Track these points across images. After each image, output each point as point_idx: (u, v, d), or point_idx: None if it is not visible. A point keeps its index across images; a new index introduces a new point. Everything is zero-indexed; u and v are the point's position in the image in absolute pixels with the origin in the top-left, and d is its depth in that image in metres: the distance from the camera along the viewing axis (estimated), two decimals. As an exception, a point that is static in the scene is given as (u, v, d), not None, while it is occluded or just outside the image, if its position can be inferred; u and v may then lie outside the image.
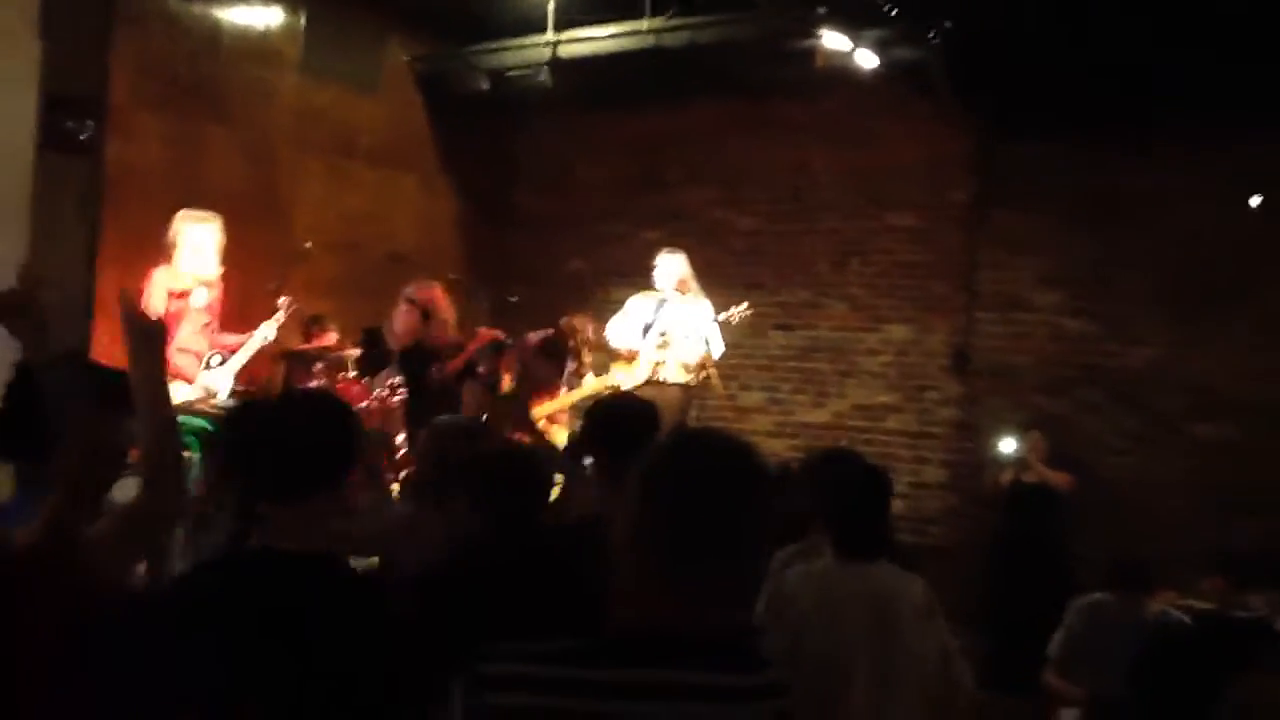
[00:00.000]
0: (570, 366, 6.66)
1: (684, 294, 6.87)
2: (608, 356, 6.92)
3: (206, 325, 5.62)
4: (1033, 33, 6.67)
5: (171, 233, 5.47)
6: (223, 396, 5.52)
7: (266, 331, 5.68)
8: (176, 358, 5.36)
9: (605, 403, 3.39)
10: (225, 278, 5.69)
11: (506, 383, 6.27)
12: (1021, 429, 7.32)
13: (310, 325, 6.41)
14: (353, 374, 6.19)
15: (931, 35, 6.76)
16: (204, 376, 5.54)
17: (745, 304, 6.78)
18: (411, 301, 6.16)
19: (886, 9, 6.48)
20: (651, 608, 1.52)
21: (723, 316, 6.73)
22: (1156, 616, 4.72)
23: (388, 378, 6.11)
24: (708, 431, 1.80)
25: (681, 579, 1.51)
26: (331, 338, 6.37)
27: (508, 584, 2.50)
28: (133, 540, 2.08)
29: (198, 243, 5.47)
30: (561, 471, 3.44)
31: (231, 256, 6.40)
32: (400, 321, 6.32)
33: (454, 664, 1.51)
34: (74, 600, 1.87)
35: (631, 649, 1.50)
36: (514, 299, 7.31)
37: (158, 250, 6.63)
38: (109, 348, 4.95)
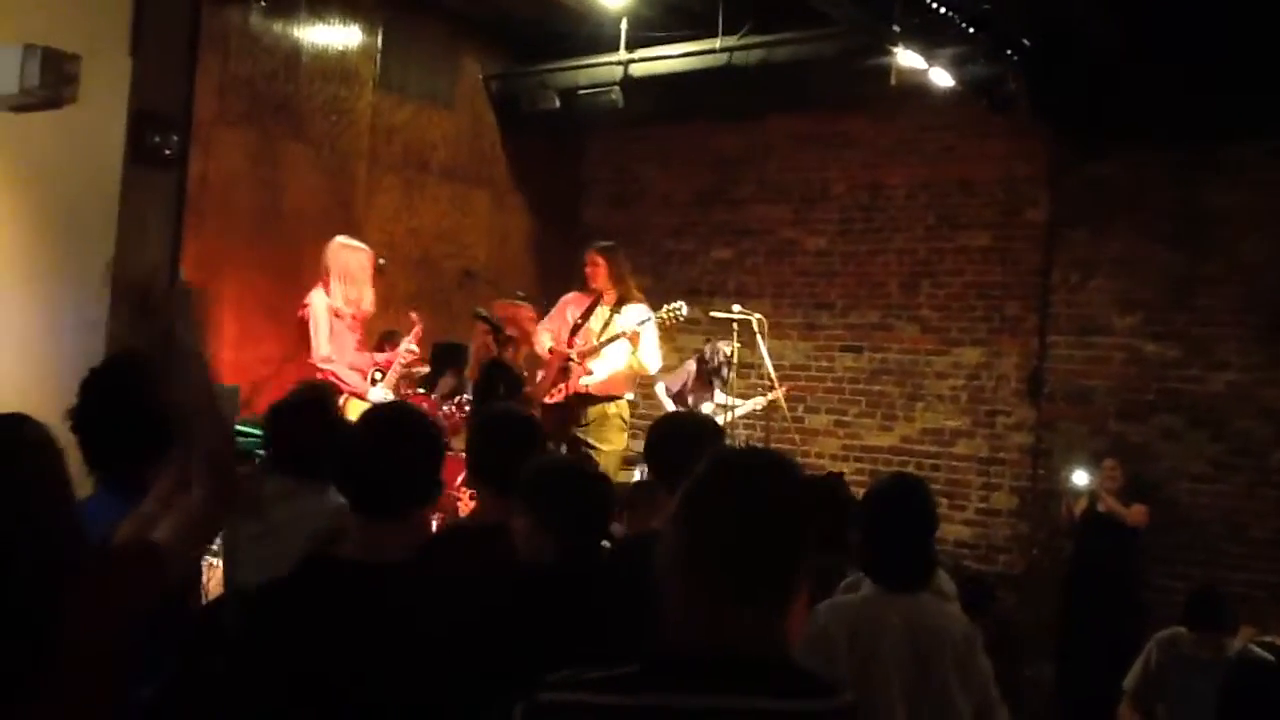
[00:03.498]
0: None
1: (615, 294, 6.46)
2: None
3: (360, 344, 5.97)
4: (1111, 49, 6.56)
5: (326, 258, 5.81)
6: None
7: (409, 346, 5.95)
8: (348, 377, 5.76)
9: (663, 420, 3.40)
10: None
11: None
12: (1097, 456, 7.17)
13: (383, 341, 6.48)
14: (421, 390, 6.24)
15: (1010, 52, 6.68)
16: (373, 392, 5.88)
17: (680, 303, 6.48)
18: (484, 319, 6.18)
19: (964, 26, 6.41)
20: (701, 631, 1.50)
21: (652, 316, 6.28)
22: (1238, 654, 4.58)
23: (455, 394, 6.14)
24: (749, 451, 1.78)
25: (727, 600, 1.49)
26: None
27: (570, 608, 2.48)
28: (191, 541, 2.08)
29: (350, 269, 5.79)
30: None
31: (310, 271, 6.52)
32: (474, 340, 6.36)
33: (515, 691, 1.51)
34: (158, 597, 1.90)
35: (692, 674, 1.48)
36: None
37: (236, 263, 6.81)
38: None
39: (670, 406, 7.47)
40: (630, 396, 6.57)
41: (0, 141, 4.11)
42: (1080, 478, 7.04)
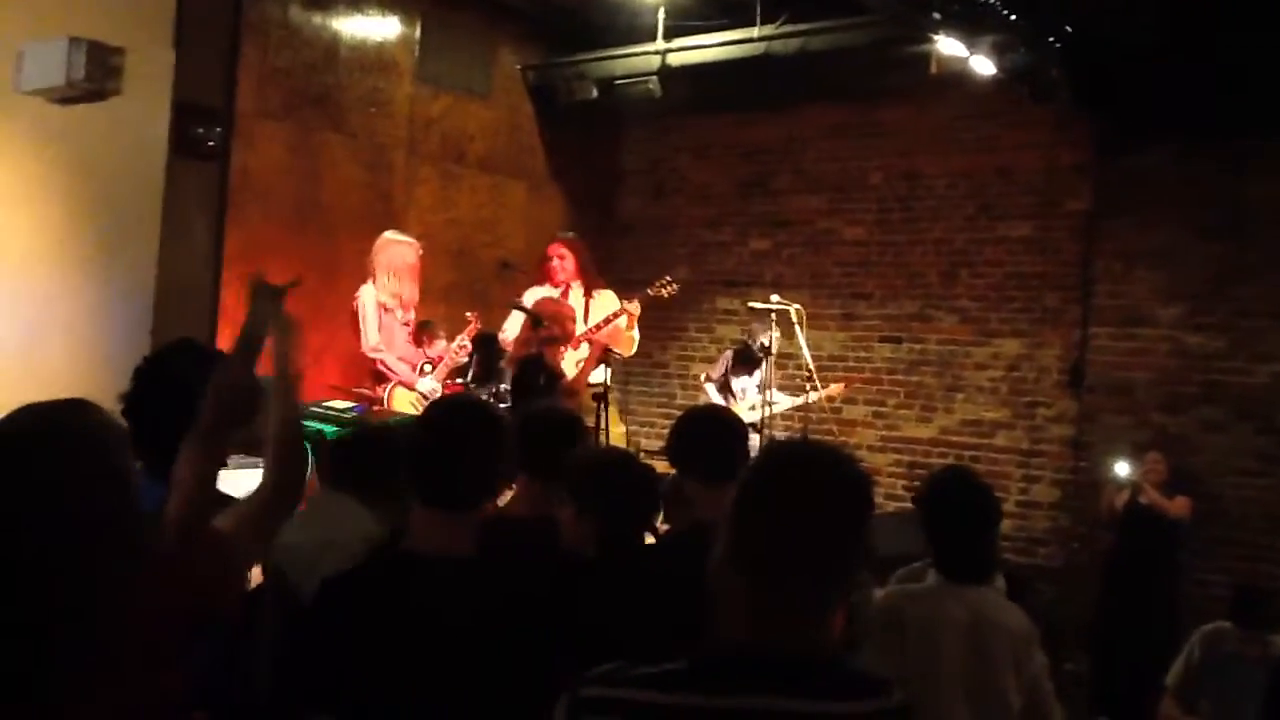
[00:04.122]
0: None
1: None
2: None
3: (411, 337, 6.20)
4: (1154, 37, 6.46)
5: (374, 252, 6.00)
6: None
7: (462, 341, 6.12)
8: (397, 366, 5.99)
9: (689, 415, 3.42)
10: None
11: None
12: (1139, 448, 7.09)
13: (420, 331, 6.52)
14: (459, 380, 6.27)
15: (1052, 40, 6.59)
16: (422, 383, 6.05)
17: (668, 277, 6.66)
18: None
19: (1004, 14, 6.34)
20: (751, 630, 1.49)
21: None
22: (1284, 649, 4.52)
23: (494, 384, 6.17)
24: (805, 445, 1.76)
25: (778, 600, 1.48)
26: (440, 344, 6.47)
27: (612, 601, 2.49)
28: (261, 531, 2.11)
29: (398, 263, 5.99)
30: None
31: (350, 262, 6.58)
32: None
33: (558, 683, 1.51)
34: (226, 591, 1.92)
35: (740, 674, 1.47)
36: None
37: (276, 253, 6.86)
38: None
39: (716, 398, 7.45)
40: None
41: (47, 133, 4.16)
42: (1122, 470, 6.96)
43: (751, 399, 7.32)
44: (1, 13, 4.43)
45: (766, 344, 7.13)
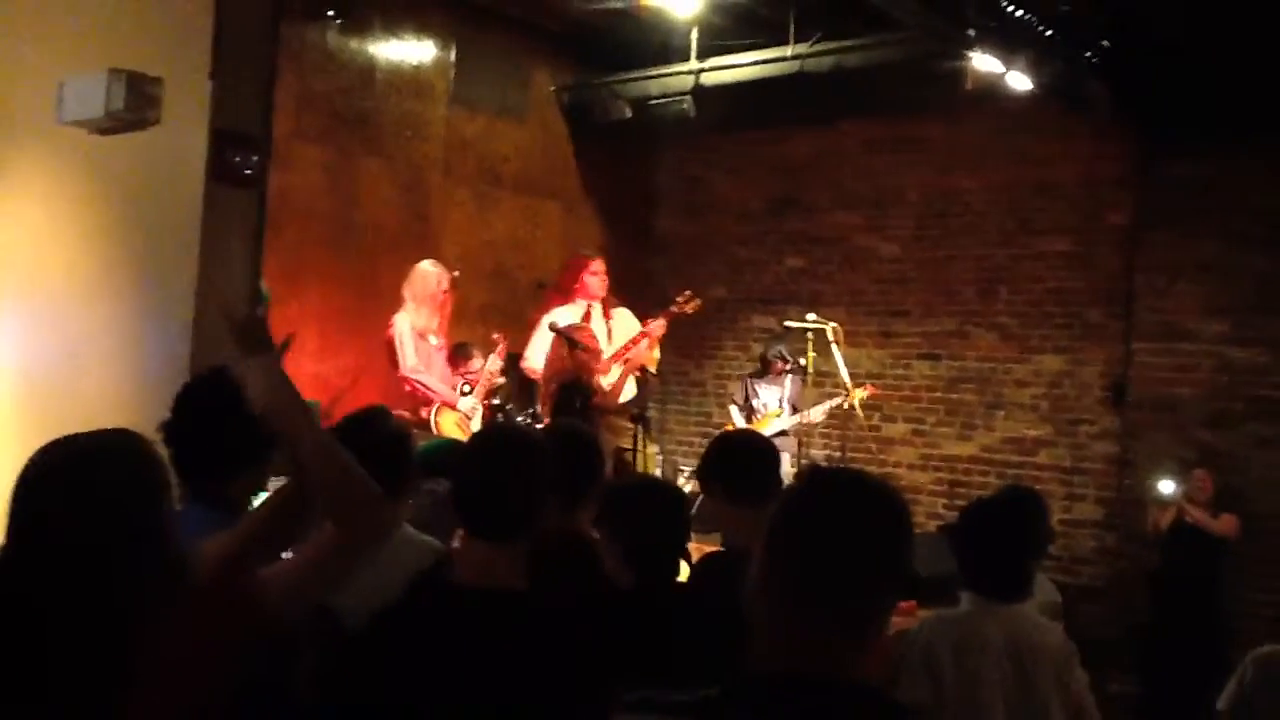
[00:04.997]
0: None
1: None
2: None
3: (448, 361, 6.34)
4: (1194, 48, 6.38)
5: (409, 280, 6.18)
6: (476, 421, 6.19)
7: (494, 365, 6.26)
8: (437, 387, 6.13)
9: (725, 437, 3.42)
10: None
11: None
12: (1184, 465, 6.98)
13: (455, 354, 6.55)
14: (494, 401, 6.29)
15: (1089, 54, 6.53)
16: (463, 402, 6.18)
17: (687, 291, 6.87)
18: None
19: (1040, 29, 6.29)
20: (786, 655, 1.48)
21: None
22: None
23: (530, 406, 6.20)
24: (842, 471, 1.75)
25: (814, 628, 1.47)
26: (476, 363, 6.49)
27: (645, 627, 2.47)
28: (317, 579, 2.01)
29: (425, 292, 6.16)
30: None
31: (387, 283, 6.63)
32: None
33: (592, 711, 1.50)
34: (253, 622, 1.90)
35: (768, 700, 1.45)
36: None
37: (314, 276, 6.92)
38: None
39: (740, 420, 7.45)
40: None
41: (87, 163, 4.22)
42: (1167, 488, 6.85)
43: (773, 409, 7.31)
44: (42, 46, 4.50)
45: (783, 353, 7.18)
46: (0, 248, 4.69)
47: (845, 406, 7.29)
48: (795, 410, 7.30)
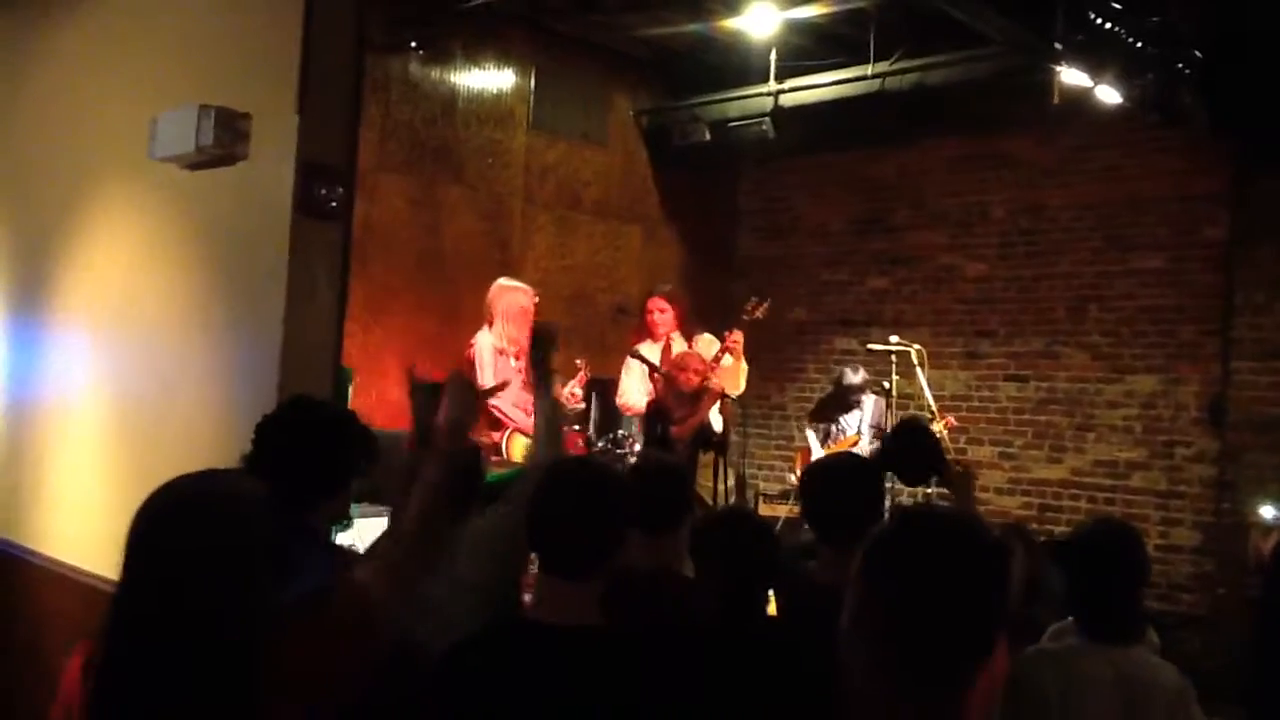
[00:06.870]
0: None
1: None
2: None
3: (525, 382, 6.08)
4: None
5: (490, 299, 6.08)
6: None
7: (574, 389, 6.10)
8: (511, 412, 5.95)
9: (815, 466, 3.35)
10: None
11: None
12: (1289, 489, 6.72)
13: (534, 377, 6.56)
14: (576, 427, 6.29)
15: (1181, 65, 6.35)
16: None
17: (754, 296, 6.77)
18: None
19: (1130, 41, 6.13)
20: (879, 701, 1.43)
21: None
22: None
23: (611, 432, 6.18)
24: (934, 512, 1.70)
25: (904, 671, 1.42)
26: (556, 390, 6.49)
27: (736, 671, 2.43)
28: (396, 597, 2.06)
29: (513, 309, 6.04)
30: None
31: (470, 309, 6.67)
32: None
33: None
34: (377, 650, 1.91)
35: None
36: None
37: (399, 304, 7.00)
38: (351, 401, 5.22)
39: (816, 445, 7.38)
40: None
41: (178, 199, 4.32)
42: (1269, 512, 6.58)
43: (851, 434, 7.25)
44: (135, 84, 4.64)
45: (857, 381, 7.12)
46: (95, 280, 4.84)
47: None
48: (878, 432, 7.19)
